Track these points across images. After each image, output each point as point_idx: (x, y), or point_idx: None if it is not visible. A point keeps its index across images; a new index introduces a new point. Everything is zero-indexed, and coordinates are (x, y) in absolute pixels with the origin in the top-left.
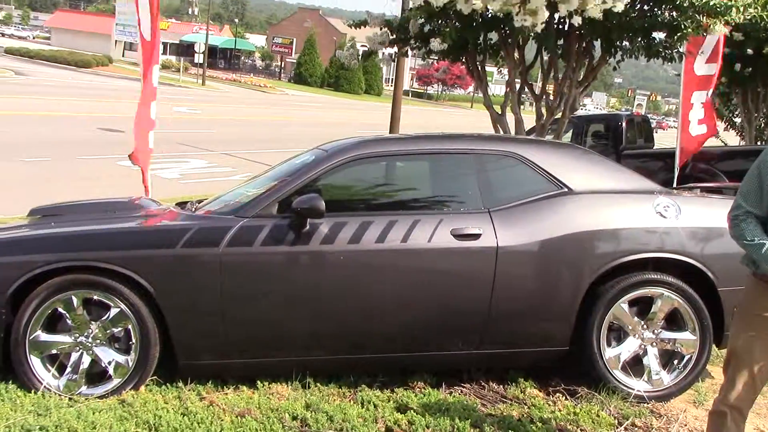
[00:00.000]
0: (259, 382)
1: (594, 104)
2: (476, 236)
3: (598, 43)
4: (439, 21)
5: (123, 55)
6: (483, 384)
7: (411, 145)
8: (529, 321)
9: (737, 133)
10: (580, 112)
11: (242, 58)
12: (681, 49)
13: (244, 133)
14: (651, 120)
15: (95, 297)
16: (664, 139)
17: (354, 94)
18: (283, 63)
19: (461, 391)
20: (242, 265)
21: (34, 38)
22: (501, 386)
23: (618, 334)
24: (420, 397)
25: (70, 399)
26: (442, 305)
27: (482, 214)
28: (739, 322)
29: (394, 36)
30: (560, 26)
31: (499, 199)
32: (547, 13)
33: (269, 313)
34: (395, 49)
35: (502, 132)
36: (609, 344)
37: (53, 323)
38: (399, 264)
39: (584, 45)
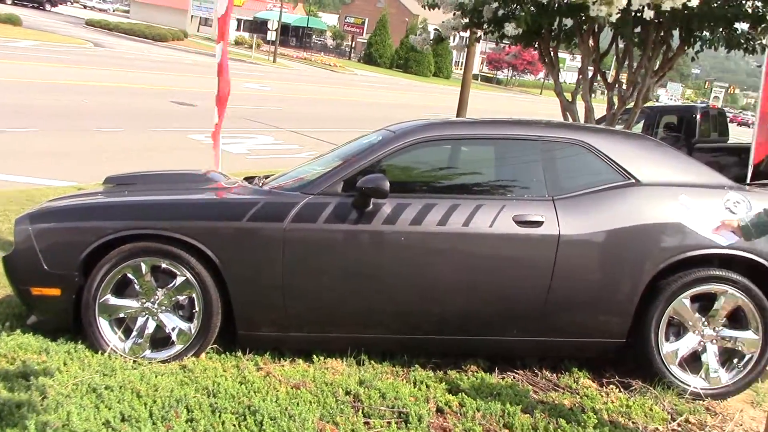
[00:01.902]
0: (315, 356)
1: (668, 95)
2: (538, 223)
3: (676, 33)
4: (515, 5)
5: (198, 30)
6: (536, 371)
7: (477, 129)
8: (587, 311)
9: None
10: (653, 103)
11: (314, 36)
12: (764, 41)
13: (312, 111)
14: (729, 113)
15: (163, 265)
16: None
17: (423, 77)
18: (353, 43)
19: (514, 377)
20: (305, 241)
21: (113, 11)
22: (554, 375)
23: (677, 329)
24: (472, 380)
25: (134, 362)
26: (500, 291)
27: (546, 202)
28: None
29: (467, 20)
30: (638, 14)
31: (563, 187)
32: (624, 2)
33: (328, 289)
34: (467, 33)
35: (571, 120)
36: (667, 339)
37: (122, 288)
38: (459, 247)
39: (662, 34)
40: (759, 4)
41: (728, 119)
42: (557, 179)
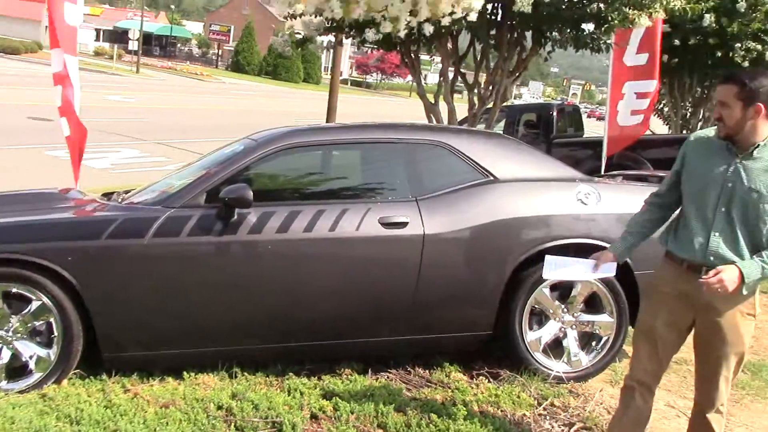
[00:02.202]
0: (185, 372)
1: (530, 93)
2: (403, 224)
3: (529, 35)
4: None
5: None
6: (409, 369)
7: (341, 134)
8: (454, 307)
9: (664, 122)
10: (516, 102)
11: (178, 45)
12: (608, 40)
13: (179, 121)
14: (586, 108)
15: (14, 290)
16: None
17: (292, 83)
18: (220, 51)
19: (387, 377)
20: (169, 255)
21: None
22: (427, 371)
23: (539, 318)
24: (346, 384)
25: None
26: (370, 293)
27: (410, 203)
28: (647, 299)
29: (329, 24)
30: (493, 17)
31: (427, 187)
32: (410, 19)
33: (197, 304)
34: (331, 37)
35: (435, 121)
36: (531, 328)
37: None
38: (327, 253)
39: (515, 36)
40: (602, 6)
41: (587, 114)
42: (420, 180)
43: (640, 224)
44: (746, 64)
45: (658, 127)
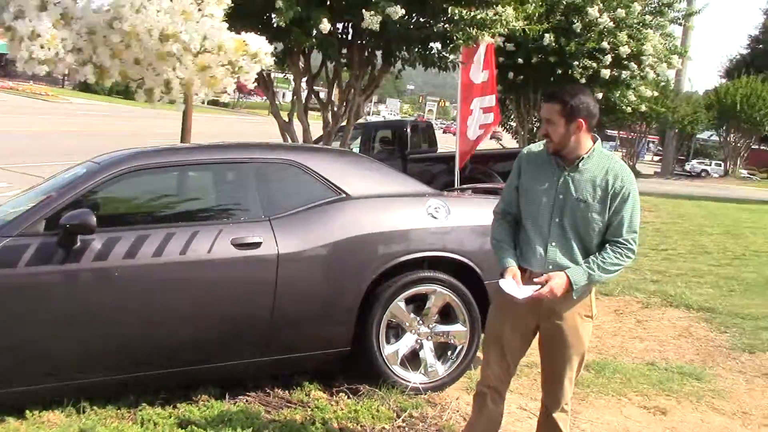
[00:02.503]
0: (28, 411)
1: (388, 110)
2: (257, 245)
3: (380, 53)
4: None
5: None
6: (268, 391)
7: (189, 155)
8: (311, 325)
9: (512, 136)
10: (374, 119)
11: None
12: (455, 59)
13: (21, 144)
14: (442, 124)
15: None
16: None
17: (145, 103)
18: (67, 69)
19: (246, 400)
20: (6, 288)
21: None
22: (286, 391)
23: (396, 331)
24: (203, 410)
25: None
26: (225, 315)
27: (263, 223)
28: (494, 307)
29: None
30: (343, 36)
31: (279, 207)
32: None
33: (39, 337)
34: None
35: (290, 140)
36: (388, 341)
37: None
38: (178, 277)
39: (366, 54)
40: (448, 26)
41: (443, 130)
42: (273, 200)
43: (510, 235)
44: (584, 80)
45: (507, 140)
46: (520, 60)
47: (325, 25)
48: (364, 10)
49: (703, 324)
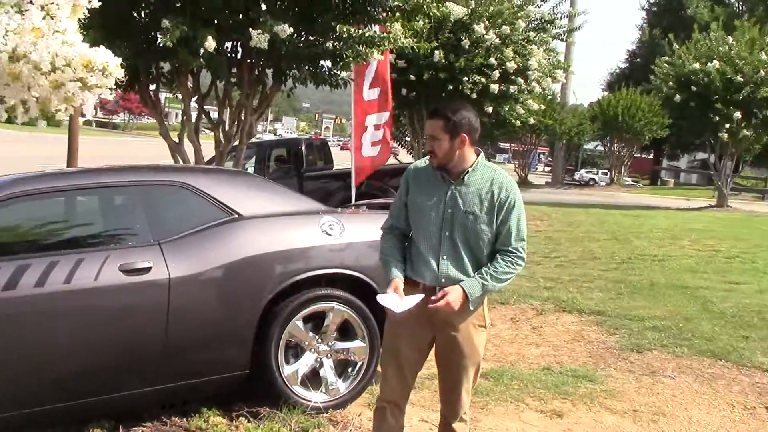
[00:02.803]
0: None
1: (284, 129)
2: (146, 270)
3: (270, 71)
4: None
5: None
6: (165, 420)
7: (72, 180)
8: (208, 350)
9: (408, 152)
10: (270, 137)
11: None
12: (345, 76)
13: None
14: (339, 141)
15: None
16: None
17: (30, 126)
18: None
19: (142, 431)
20: None
21: None
22: (184, 419)
23: (296, 350)
24: None
25: None
26: (115, 344)
27: (152, 247)
28: (389, 321)
29: None
30: (232, 55)
31: (169, 230)
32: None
33: None
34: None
35: (181, 161)
36: (287, 362)
37: None
38: (63, 307)
39: (257, 73)
40: (337, 44)
41: (340, 147)
42: (162, 223)
43: (398, 249)
44: (474, 95)
45: (403, 155)
46: (412, 77)
47: (211, 44)
48: (251, 29)
49: (594, 327)
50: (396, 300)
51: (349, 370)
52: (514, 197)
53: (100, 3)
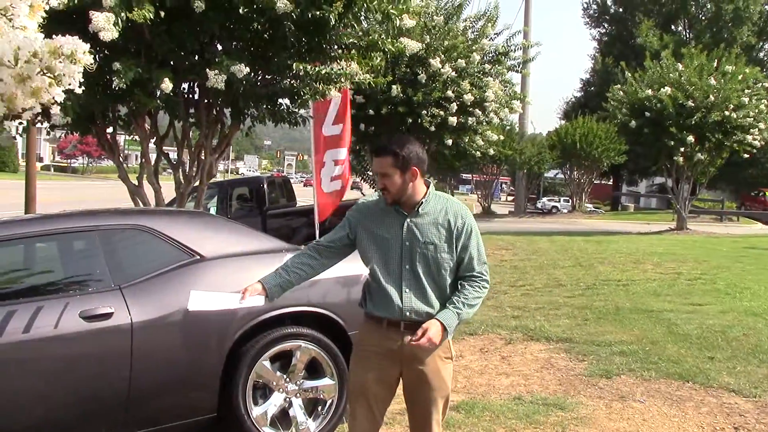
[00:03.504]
0: None
1: (246, 167)
2: (108, 315)
3: (228, 111)
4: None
5: None
6: None
7: (29, 227)
8: (174, 394)
9: (370, 186)
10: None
11: None
12: (304, 113)
13: None
14: (302, 178)
15: None
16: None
17: None
18: None
19: None
20: None
21: None
22: None
23: (264, 391)
24: None
25: None
26: (78, 393)
27: (113, 292)
28: (354, 358)
29: None
30: (189, 95)
31: (130, 274)
32: (170, 87)
33: None
34: (15, 122)
35: (141, 204)
36: (256, 403)
37: None
38: (23, 357)
39: (215, 113)
40: (294, 82)
41: (304, 183)
42: (122, 267)
43: (299, 266)
44: (433, 128)
45: (367, 189)
46: (371, 111)
47: (167, 85)
48: (208, 70)
49: (563, 354)
50: (206, 299)
51: (319, 408)
52: (470, 223)
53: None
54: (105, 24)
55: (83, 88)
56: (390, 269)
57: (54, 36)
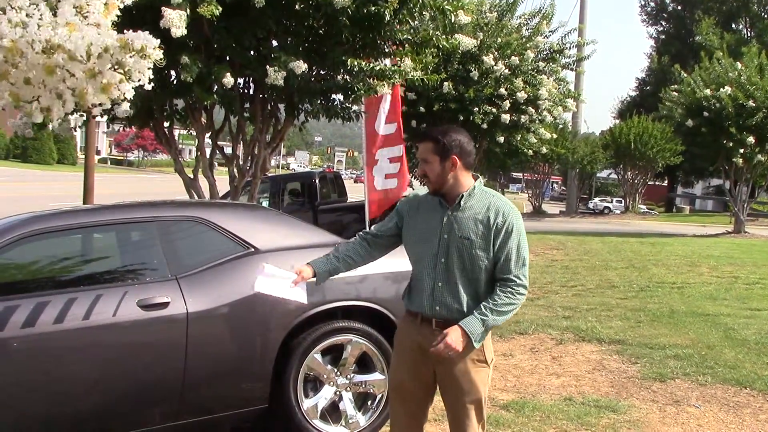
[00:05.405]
0: None
1: (297, 163)
2: (164, 305)
3: (283, 106)
4: None
5: None
6: None
7: (88, 217)
8: (227, 384)
9: (421, 183)
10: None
11: None
12: (357, 109)
13: None
14: (352, 174)
15: None
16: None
17: (45, 165)
18: None
19: None
20: None
21: None
22: None
23: (314, 384)
24: None
25: None
26: (135, 380)
27: (170, 282)
28: (395, 355)
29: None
30: (245, 90)
31: (186, 265)
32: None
33: None
34: (75, 115)
35: (196, 196)
36: (306, 395)
37: None
38: (82, 343)
39: (269, 108)
40: (348, 77)
41: (354, 180)
42: (179, 258)
43: (349, 253)
44: (485, 125)
45: (417, 187)
46: (422, 108)
47: (229, 80)
48: (267, 66)
49: (615, 356)
50: (275, 284)
51: (369, 402)
52: (512, 221)
53: None
54: (177, 21)
55: (152, 84)
56: (426, 263)
57: (124, 31)
